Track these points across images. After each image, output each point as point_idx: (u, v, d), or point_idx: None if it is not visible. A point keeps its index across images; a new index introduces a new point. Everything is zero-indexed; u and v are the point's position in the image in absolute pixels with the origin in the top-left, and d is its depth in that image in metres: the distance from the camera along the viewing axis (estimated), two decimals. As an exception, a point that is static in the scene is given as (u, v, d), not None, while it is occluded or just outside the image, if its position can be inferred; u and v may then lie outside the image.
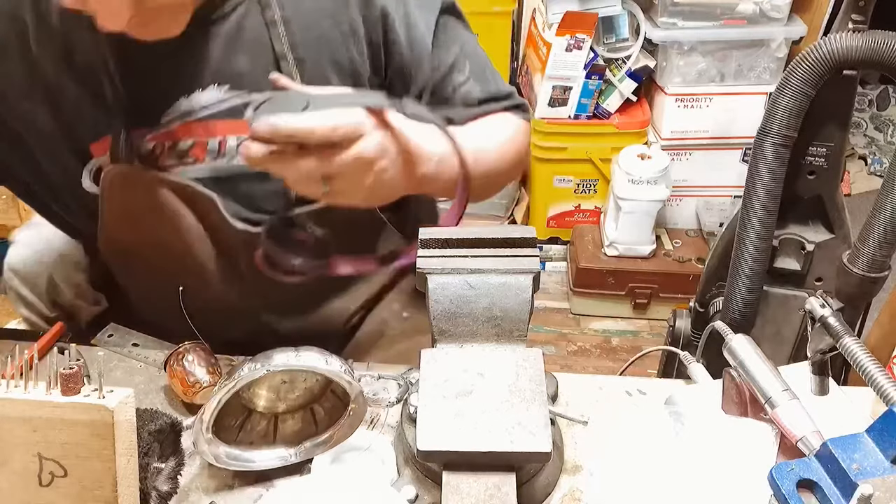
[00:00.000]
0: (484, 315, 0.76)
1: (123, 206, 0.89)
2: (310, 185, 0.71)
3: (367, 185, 0.73)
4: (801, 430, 0.67)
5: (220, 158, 0.89)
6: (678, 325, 1.32)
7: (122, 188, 0.87)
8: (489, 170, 0.92)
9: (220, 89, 0.86)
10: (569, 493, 0.78)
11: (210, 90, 0.86)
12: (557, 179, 2.52)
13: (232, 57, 0.86)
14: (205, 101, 0.86)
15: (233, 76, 0.86)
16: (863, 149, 3.10)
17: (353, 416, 0.79)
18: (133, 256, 0.96)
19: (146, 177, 0.87)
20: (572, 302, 2.50)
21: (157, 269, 0.96)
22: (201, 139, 0.88)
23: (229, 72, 0.86)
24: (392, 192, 0.78)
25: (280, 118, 0.67)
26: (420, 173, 0.79)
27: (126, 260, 0.98)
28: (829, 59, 0.94)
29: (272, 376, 0.81)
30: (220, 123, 0.87)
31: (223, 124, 0.88)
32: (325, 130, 0.67)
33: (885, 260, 0.95)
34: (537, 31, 2.41)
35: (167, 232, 0.90)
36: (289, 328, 1.01)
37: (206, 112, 0.86)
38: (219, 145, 0.88)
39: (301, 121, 0.67)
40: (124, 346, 0.97)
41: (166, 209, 0.88)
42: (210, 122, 0.87)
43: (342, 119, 0.68)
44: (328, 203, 0.75)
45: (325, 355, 0.75)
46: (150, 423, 0.74)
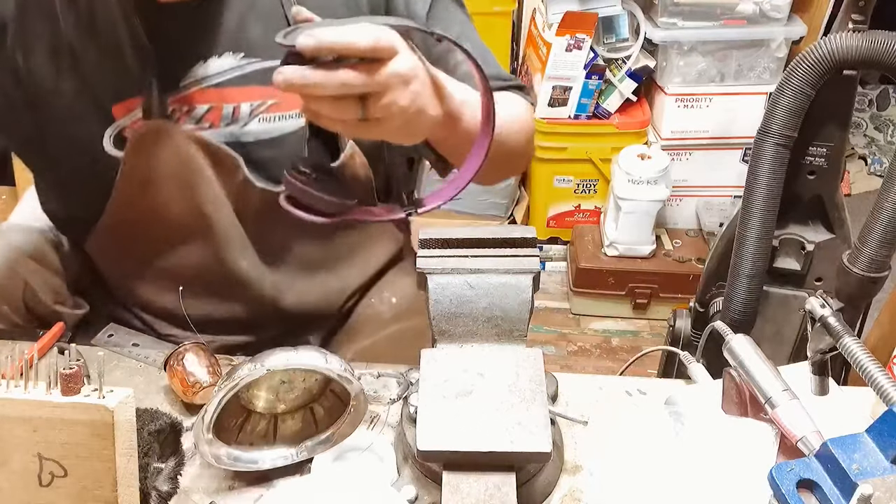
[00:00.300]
0: (484, 315, 0.76)
1: (149, 164, 0.90)
2: (346, 109, 0.69)
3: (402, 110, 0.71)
4: (801, 430, 0.67)
5: (234, 124, 0.91)
6: (678, 325, 1.32)
7: (153, 144, 0.89)
8: (504, 140, 0.91)
9: (236, 56, 0.89)
10: (569, 493, 0.78)
11: (226, 57, 0.89)
12: (557, 179, 2.52)
13: (247, 25, 0.89)
14: (221, 68, 0.89)
15: (247, 44, 0.89)
16: (863, 149, 3.10)
17: (353, 415, 0.79)
18: (138, 229, 0.96)
19: (178, 133, 0.89)
20: (572, 302, 2.50)
21: (162, 239, 0.96)
22: (216, 105, 0.90)
23: (244, 40, 0.89)
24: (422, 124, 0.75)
25: (323, 31, 0.66)
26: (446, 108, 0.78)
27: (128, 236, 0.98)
28: (829, 59, 0.94)
29: (271, 377, 0.81)
30: (234, 90, 0.90)
31: (237, 91, 0.90)
32: (368, 42, 0.67)
33: (885, 260, 0.95)
34: (537, 31, 2.41)
35: (188, 193, 0.92)
36: (291, 303, 1.02)
37: (222, 78, 0.89)
38: (233, 111, 0.91)
39: (344, 33, 0.66)
40: (124, 346, 0.97)
41: (192, 167, 0.90)
42: (225, 88, 0.90)
43: (381, 34, 0.68)
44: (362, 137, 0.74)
45: (324, 354, 0.75)
46: (150, 423, 0.74)
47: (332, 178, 0.80)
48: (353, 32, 0.67)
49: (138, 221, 0.96)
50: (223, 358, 0.91)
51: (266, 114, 0.91)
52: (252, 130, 0.91)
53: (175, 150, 0.89)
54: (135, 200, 0.93)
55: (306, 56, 0.67)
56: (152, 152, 0.90)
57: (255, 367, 0.73)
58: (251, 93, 0.90)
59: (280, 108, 0.92)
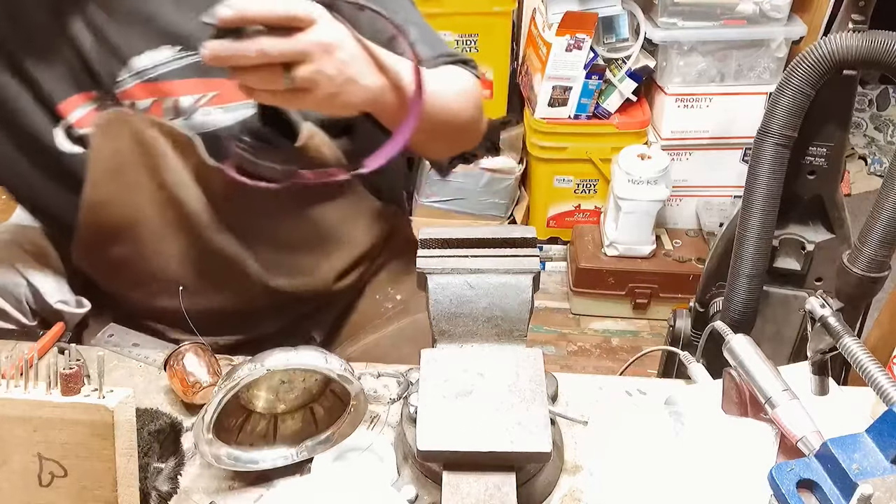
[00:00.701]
0: (484, 315, 0.76)
1: (114, 152, 0.90)
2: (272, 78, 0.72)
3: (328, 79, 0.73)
4: (801, 430, 0.67)
5: (177, 118, 0.91)
6: (678, 325, 1.32)
7: (114, 132, 0.89)
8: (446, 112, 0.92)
9: (173, 49, 0.89)
10: (569, 493, 0.78)
11: (163, 49, 0.88)
12: (557, 179, 2.52)
13: (181, 17, 0.88)
14: (157, 61, 0.89)
15: (184, 36, 0.88)
16: (863, 149, 3.10)
17: (353, 415, 0.79)
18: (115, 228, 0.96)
19: (136, 118, 0.89)
20: (572, 302, 2.50)
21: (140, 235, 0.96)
22: (157, 99, 0.90)
23: (180, 32, 0.88)
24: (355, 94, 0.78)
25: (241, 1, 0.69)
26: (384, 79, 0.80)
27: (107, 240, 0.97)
28: (829, 59, 0.94)
29: (271, 377, 0.81)
30: (174, 83, 0.90)
31: (177, 84, 0.90)
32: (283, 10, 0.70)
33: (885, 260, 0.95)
34: (537, 31, 2.41)
35: (155, 178, 0.92)
36: (280, 284, 1.02)
37: (160, 71, 0.89)
38: (174, 105, 0.91)
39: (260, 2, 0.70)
40: (124, 346, 0.97)
41: (155, 151, 0.90)
42: (164, 82, 0.89)
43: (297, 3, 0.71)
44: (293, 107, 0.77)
45: (324, 354, 0.75)
46: (150, 423, 0.74)
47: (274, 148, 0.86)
48: (269, 1, 0.70)
49: (112, 220, 0.95)
50: (223, 358, 0.91)
51: (208, 106, 0.91)
52: (196, 123, 0.91)
53: (136, 136, 0.89)
54: (105, 195, 0.93)
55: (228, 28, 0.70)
56: (115, 140, 0.90)
57: (255, 367, 0.73)
58: (191, 85, 0.90)
59: (222, 99, 0.91)
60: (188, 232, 0.96)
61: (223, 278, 0.99)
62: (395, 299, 1.13)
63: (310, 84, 0.73)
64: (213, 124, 0.91)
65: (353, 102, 0.78)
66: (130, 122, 0.89)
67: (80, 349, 0.94)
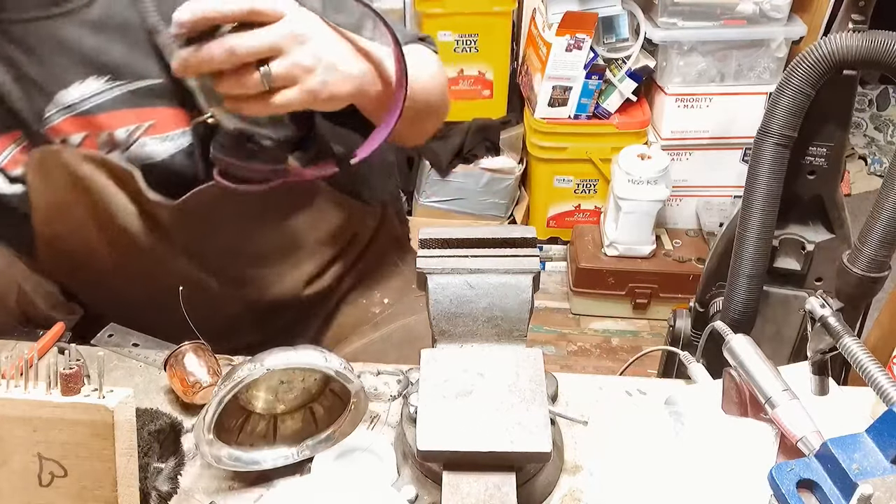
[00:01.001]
0: (484, 315, 0.76)
1: (53, 190, 0.88)
2: (248, 80, 0.70)
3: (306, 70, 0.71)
4: (801, 430, 0.67)
5: (113, 151, 0.87)
6: (678, 325, 1.32)
7: (49, 170, 0.87)
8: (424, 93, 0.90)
9: (99, 80, 0.84)
10: (569, 493, 0.78)
11: (90, 81, 0.84)
12: (557, 179, 2.52)
13: (108, 46, 0.83)
14: (85, 94, 0.84)
15: (111, 66, 0.84)
16: (863, 149, 3.10)
17: (354, 412, 0.79)
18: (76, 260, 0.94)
19: (70, 154, 0.86)
20: (572, 302, 2.50)
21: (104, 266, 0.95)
22: (90, 133, 0.86)
23: (106, 62, 0.84)
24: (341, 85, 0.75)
25: (198, 3, 0.67)
26: (362, 64, 0.77)
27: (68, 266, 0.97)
28: (829, 59, 0.94)
29: (270, 377, 0.81)
30: (105, 116, 0.86)
31: (108, 116, 0.86)
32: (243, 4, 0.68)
33: (885, 260, 0.95)
34: (537, 31, 2.41)
35: (100, 212, 0.89)
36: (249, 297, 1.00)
37: (90, 104, 0.85)
38: (108, 138, 0.87)
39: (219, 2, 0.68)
40: (124, 346, 0.97)
41: (94, 187, 0.87)
42: (95, 115, 0.86)
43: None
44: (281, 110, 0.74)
45: (323, 353, 0.75)
46: (150, 423, 0.74)
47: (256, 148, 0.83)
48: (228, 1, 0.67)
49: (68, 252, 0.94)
50: (223, 358, 0.91)
51: (145, 137, 0.87)
52: (134, 155, 0.87)
53: (71, 172, 0.86)
54: (55, 231, 0.91)
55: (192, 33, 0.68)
56: (50, 179, 0.87)
57: (255, 367, 0.73)
58: (124, 117, 0.86)
59: (158, 129, 0.87)
60: (143, 261, 0.94)
61: (190, 299, 0.94)
62: (382, 303, 1.11)
63: (289, 79, 0.71)
64: (152, 156, 0.88)
65: (340, 92, 0.76)
66: (62, 160, 0.86)
67: (80, 349, 0.94)
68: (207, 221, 0.92)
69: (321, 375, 0.82)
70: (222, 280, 0.99)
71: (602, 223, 2.49)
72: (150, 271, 0.96)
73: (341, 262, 1.08)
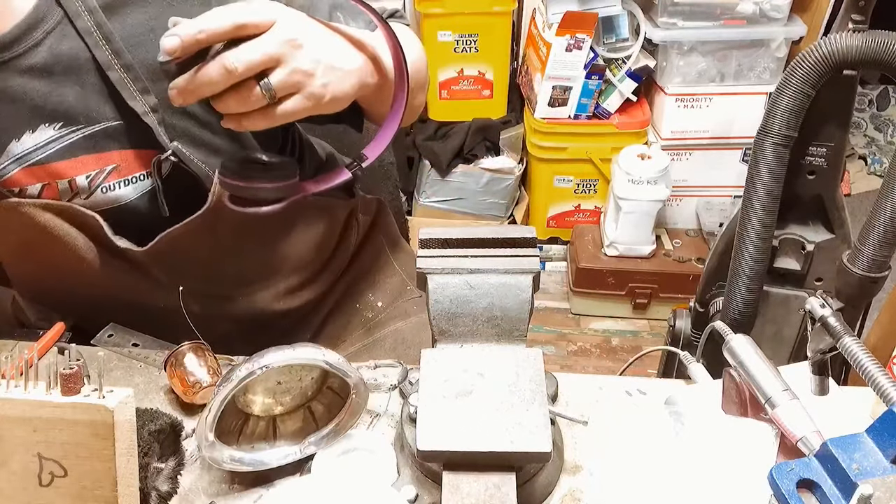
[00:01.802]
0: (484, 315, 0.76)
1: (15, 238, 0.86)
2: (251, 96, 0.67)
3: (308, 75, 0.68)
4: (801, 430, 0.67)
5: (76, 198, 0.84)
6: (678, 325, 1.32)
7: (5, 223, 0.84)
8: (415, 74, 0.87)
9: (52, 128, 0.80)
10: (569, 493, 0.78)
11: (41, 130, 0.80)
12: (557, 179, 2.52)
13: (56, 91, 0.79)
14: (37, 142, 0.80)
15: (61, 111, 0.80)
16: (863, 149, 3.10)
17: (355, 404, 0.79)
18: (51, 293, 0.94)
19: (24, 206, 0.82)
20: (572, 302, 2.50)
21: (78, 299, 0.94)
22: (49, 183, 0.83)
23: (57, 108, 0.79)
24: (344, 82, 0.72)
25: (182, 27, 0.65)
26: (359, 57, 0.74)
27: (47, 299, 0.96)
28: (829, 59, 0.94)
29: (267, 379, 0.80)
30: (62, 164, 0.82)
31: (66, 164, 0.82)
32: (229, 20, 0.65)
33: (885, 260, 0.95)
34: (537, 31, 2.41)
35: (67, 257, 0.87)
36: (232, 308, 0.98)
37: (44, 154, 0.81)
38: (69, 186, 0.83)
39: (201, 21, 0.65)
40: (124, 346, 0.97)
41: (56, 234, 0.85)
42: (51, 164, 0.82)
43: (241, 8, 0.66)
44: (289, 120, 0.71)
45: (320, 349, 0.75)
46: (150, 423, 0.74)
47: (263, 166, 0.80)
48: (210, 17, 0.65)
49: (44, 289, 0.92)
50: (223, 358, 0.91)
51: (108, 182, 0.84)
52: (98, 201, 0.85)
53: (31, 222, 0.84)
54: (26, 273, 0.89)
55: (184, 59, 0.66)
56: (11, 229, 0.85)
57: (254, 365, 0.73)
58: (83, 164, 0.82)
59: (122, 173, 0.84)
60: (119, 296, 0.92)
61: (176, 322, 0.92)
62: (375, 307, 1.10)
63: (292, 87, 0.69)
64: (117, 200, 0.85)
65: (343, 91, 0.73)
66: (19, 211, 0.83)
67: (80, 349, 0.94)
68: (181, 258, 0.90)
69: (318, 374, 0.82)
70: (205, 304, 0.96)
71: (602, 223, 2.49)
72: (131, 301, 0.94)
73: (330, 269, 1.06)
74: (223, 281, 0.97)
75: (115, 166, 0.84)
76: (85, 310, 0.98)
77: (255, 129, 0.72)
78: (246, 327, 1.01)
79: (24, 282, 0.93)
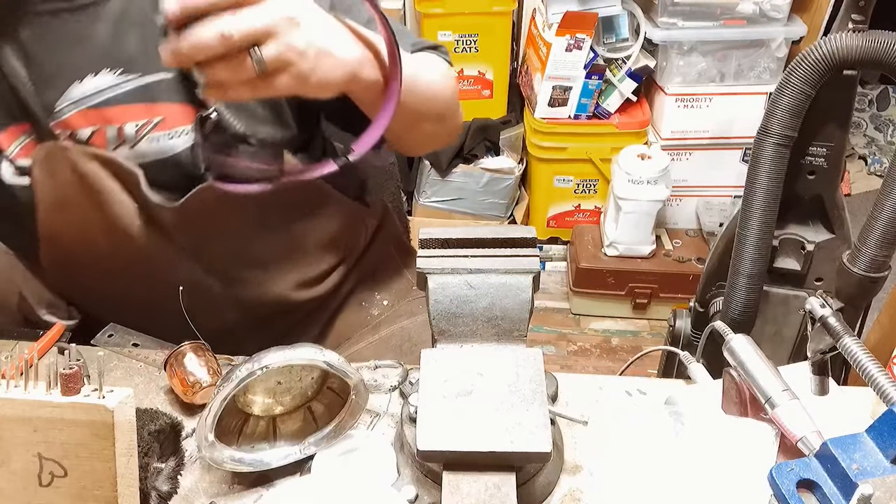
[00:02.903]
0: (484, 315, 0.76)
1: (56, 186, 0.88)
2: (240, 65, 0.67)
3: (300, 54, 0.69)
4: (801, 430, 0.67)
5: (122, 147, 0.87)
6: (678, 325, 1.32)
7: (54, 166, 0.87)
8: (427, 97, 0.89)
9: (113, 73, 0.85)
10: (569, 493, 0.78)
11: (103, 75, 0.85)
12: (557, 179, 2.52)
13: (122, 39, 0.84)
14: (98, 87, 0.85)
15: (124, 60, 0.84)
16: (863, 149, 3.10)
17: (355, 404, 0.79)
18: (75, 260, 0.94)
19: (75, 152, 0.86)
20: (572, 302, 2.50)
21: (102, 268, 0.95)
22: (99, 127, 0.87)
23: (120, 55, 0.84)
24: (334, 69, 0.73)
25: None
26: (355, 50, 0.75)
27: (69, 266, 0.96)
28: (829, 58, 0.94)
29: (267, 379, 0.80)
30: (116, 109, 0.86)
31: (120, 110, 0.86)
32: None
33: (885, 260, 0.95)
34: (537, 31, 2.41)
35: (101, 212, 0.89)
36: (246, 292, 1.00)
37: (101, 98, 0.85)
38: (117, 133, 0.87)
39: None
40: (124, 346, 0.97)
41: (97, 186, 0.87)
42: (106, 108, 0.86)
43: None
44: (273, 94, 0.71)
45: (320, 350, 0.75)
46: (150, 423, 0.74)
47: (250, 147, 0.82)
48: None
49: (69, 252, 0.93)
50: (223, 358, 0.91)
51: (154, 133, 0.87)
52: (141, 151, 0.87)
53: (75, 170, 0.86)
54: (57, 229, 0.91)
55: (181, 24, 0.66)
56: (55, 174, 0.87)
57: (254, 366, 0.73)
58: (134, 111, 0.86)
59: (167, 125, 0.87)
60: (143, 261, 0.93)
61: (189, 302, 0.94)
62: (381, 305, 1.11)
63: (281, 63, 0.69)
64: (160, 152, 0.88)
65: (331, 79, 0.73)
66: (68, 156, 0.86)
67: (81, 349, 0.94)
68: (208, 223, 0.92)
69: (318, 374, 0.82)
70: (223, 281, 0.98)
71: (602, 223, 2.49)
72: (151, 271, 0.95)
73: (343, 266, 1.08)
74: (242, 259, 0.98)
75: (161, 118, 0.87)
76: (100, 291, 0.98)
77: (237, 100, 0.74)
78: (255, 317, 1.02)
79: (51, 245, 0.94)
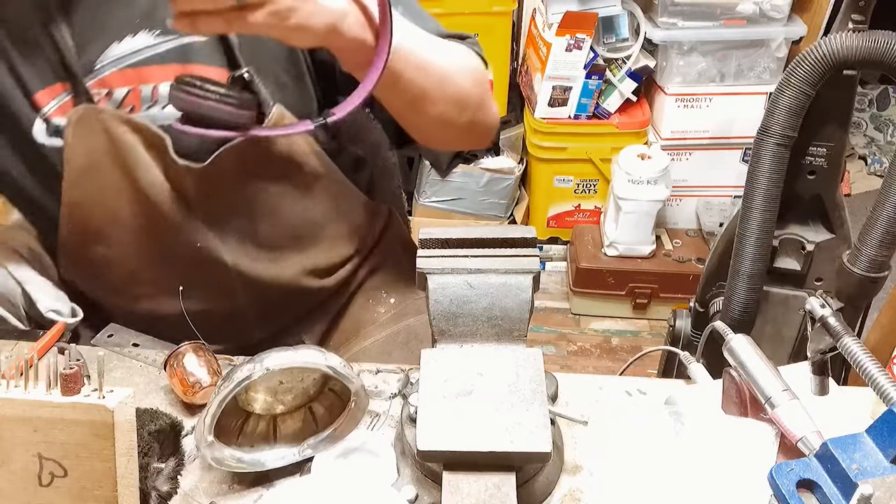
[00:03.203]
0: (484, 315, 0.76)
1: (87, 149, 0.89)
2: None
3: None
4: (801, 430, 0.68)
5: (154, 107, 0.89)
6: (678, 325, 1.32)
7: (87, 128, 0.88)
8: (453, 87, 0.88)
9: (151, 34, 0.87)
10: (569, 493, 0.78)
11: (141, 35, 0.87)
12: (557, 179, 2.52)
13: (160, 1, 0.85)
14: (136, 47, 0.87)
15: (162, 21, 0.85)
16: (863, 149, 3.10)
17: (354, 410, 0.79)
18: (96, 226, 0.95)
19: (108, 115, 0.87)
20: (572, 302, 2.50)
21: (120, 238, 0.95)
22: (135, 87, 0.88)
23: (159, 16, 0.86)
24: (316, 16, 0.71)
25: None
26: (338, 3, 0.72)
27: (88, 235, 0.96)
28: (829, 58, 0.94)
29: (269, 378, 0.80)
30: (152, 69, 0.88)
31: (155, 70, 0.88)
32: None
33: (885, 260, 0.95)
34: (537, 31, 2.41)
35: (128, 178, 0.90)
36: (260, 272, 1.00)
37: (139, 57, 0.87)
38: (151, 92, 0.89)
39: None
40: (124, 346, 0.97)
41: (127, 150, 0.88)
42: (142, 68, 0.88)
43: None
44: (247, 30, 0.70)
45: (322, 353, 0.76)
46: (150, 423, 0.74)
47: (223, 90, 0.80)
48: None
49: (91, 219, 0.94)
50: (223, 358, 0.91)
51: None
52: (172, 113, 0.87)
53: (107, 132, 0.88)
54: (83, 193, 0.91)
55: None
56: (87, 136, 0.88)
57: (255, 367, 0.73)
58: (170, 71, 0.87)
59: None
60: (162, 231, 0.94)
61: (203, 277, 0.96)
62: (388, 303, 1.11)
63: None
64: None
65: (312, 25, 0.71)
66: (101, 119, 0.87)
67: (81, 349, 0.94)
68: (229, 193, 0.93)
69: (320, 375, 0.82)
70: (237, 256, 0.98)
71: (602, 223, 2.49)
72: (168, 243, 0.95)
73: (354, 260, 1.09)
74: (257, 237, 0.99)
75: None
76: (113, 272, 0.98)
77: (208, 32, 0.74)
78: (266, 301, 1.02)
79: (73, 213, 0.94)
